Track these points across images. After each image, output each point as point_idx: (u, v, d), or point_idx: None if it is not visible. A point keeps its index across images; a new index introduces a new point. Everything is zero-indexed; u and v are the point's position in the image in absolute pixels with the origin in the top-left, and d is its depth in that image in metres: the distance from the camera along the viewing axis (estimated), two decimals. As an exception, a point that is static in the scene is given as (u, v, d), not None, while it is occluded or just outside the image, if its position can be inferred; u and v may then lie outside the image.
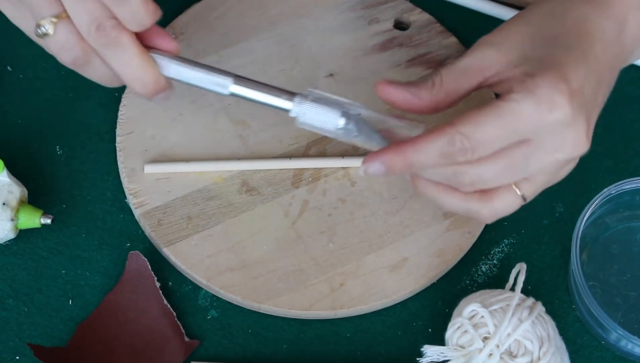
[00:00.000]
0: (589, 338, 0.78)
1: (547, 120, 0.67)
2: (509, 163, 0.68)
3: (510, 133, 0.67)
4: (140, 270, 0.78)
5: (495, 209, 0.71)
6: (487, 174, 0.69)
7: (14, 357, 0.77)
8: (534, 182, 0.71)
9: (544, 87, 0.67)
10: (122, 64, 0.69)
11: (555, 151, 0.68)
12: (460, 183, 0.70)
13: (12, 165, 0.81)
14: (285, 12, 0.89)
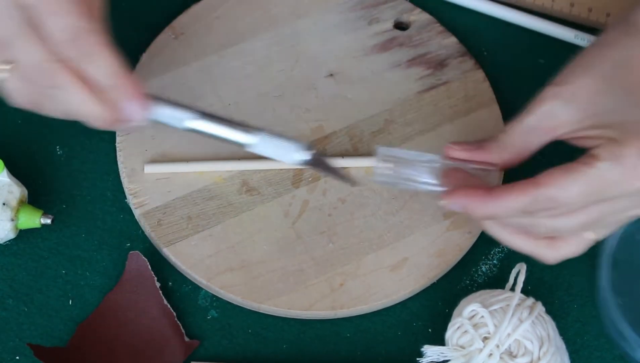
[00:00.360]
0: (589, 338, 0.78)
1: (633, 188, 0.67)
2: (587, 219, 0.70)
3: (592, 197, 0.68)
4: (140, 270, 0.78)
5: (563, 255, 0.73)
6: (564, 227, 0.70)
7: (14, 357, 0.77)
8: (607, 229, 0.72)
9: (632, 156, 0.67)
10: (68, 103, 0.70)
11: (631, 209, 0.70)
12: (535, 232, 0.71)
13: (12, 165, 0.81)
14: (285, 12, 0.89)
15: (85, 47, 0.68)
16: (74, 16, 0.68)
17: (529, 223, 0.71)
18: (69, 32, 0.68)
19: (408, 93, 0.86)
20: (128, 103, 0.69)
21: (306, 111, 0.85)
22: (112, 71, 0.68)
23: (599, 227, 0.72)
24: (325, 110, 0.85)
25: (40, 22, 0.68)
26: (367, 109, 0.85)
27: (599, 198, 0.68)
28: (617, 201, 0.69)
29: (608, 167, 0.67)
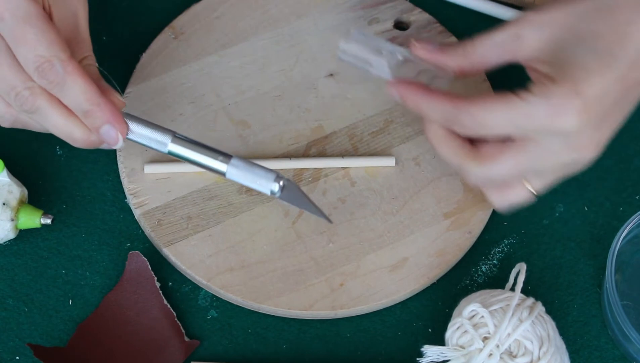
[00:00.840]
0: (589, 338, 0.78)
1: (553, 127, 0.70)
2: (516, 162, 0.72)
3: (513, 128, 0.71)
4: (140, 270, 0.78)
5: (509, 200, 0.76)
6: (494, 172, 0.73)
7: (14, 357, 0.77)
8: (543, 178, 0.74)
9: (559, 97, 0.69)
10: (48, 125, 0.72)
11: (559, 154, 0.72)
12: (470, 179, 0.75)
13: (12, 165, 0.81)
14: (285, 12, 0.89)
15: (55, 77, 0.70)
16: (42, 46, 0.69)
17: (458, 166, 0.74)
18: (38, 62, 0.70)
19: (408, 93, 0.86)
20: (105, 128, 0.72)
21: (306, 111, 0.85)
22: (84, 98, 0.71)
23: (535, 174, 0.74)
24: (325, 110, 0.85)
25: (14, 50, 0.70)
26: (367, 109, 0.85)
27: (523, 133, 0.71)
28: (543, 141, 0.71)
29: (534, 101, 0.70)
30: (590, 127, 0.70)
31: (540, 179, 0.75)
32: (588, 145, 0.72)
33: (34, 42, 0.69)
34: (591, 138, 0.71)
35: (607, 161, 0.85)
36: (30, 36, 0.69)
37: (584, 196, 0.83)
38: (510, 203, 0.76)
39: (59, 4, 0.73)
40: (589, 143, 0.71)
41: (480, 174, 0.74)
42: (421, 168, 0.83)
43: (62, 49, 0.70)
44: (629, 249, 0.80)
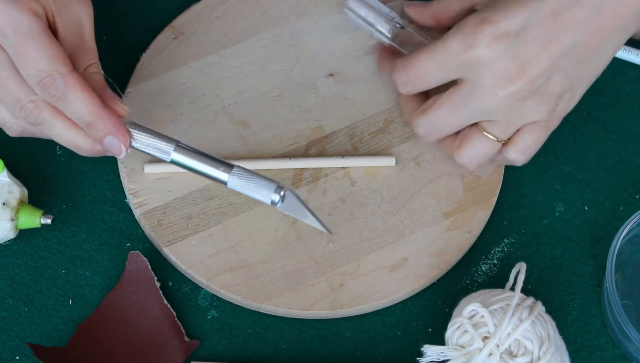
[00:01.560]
0: (589, 338, 0.78)
1: (471, 57, 0.72)
2: (452, 104, 0.75)
3: (441, 67, 0.74)
4: (140, 270, 0.78)
5: (470, 152, 0.77)
6: (436, 119, 0.76)
7: (14, 357, 0.77)
8: (498, 122, 0.75)
9: (469, 26, 0.73)
10: (53, 136, 0.75)
11: (489, 87, 0.73)
12: (423, 137, 0.79)
13: (12, 165, 0.81)
14: (285, 12, 0.89)
15: (56, 91, 0.72)
16: (44, 61, 0.71)
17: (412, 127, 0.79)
18: (40, 77, 0.71)
19: (408, 93, 0.86)
20: (108, 139, 0.74)
21: (306, 110, 0.85)
22: (86, 111, 0.72)
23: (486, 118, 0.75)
24: (325, 110, 0.85)
25: (17, 65, 0.72)
26: (367, 109, 0.85)
27: (449, 74, 0.74)
28: (473, 78, 0.73)
29: (450, 36, 0.73)
30: (509, 55, 0.72)
31: (494, 123, 0.75)
32: (511, 73, 0.72)
33: (36, 57, 0.71)
34: (513, 65, 0.72)
35: (607, 161, 0.85)
36: (32, 52, 0.71)
37: (584, 196, 0.83)
38: (475, 156, 0.77)
39: (63, 13, 0.75)
40: (512, 70, 0.72)
41: (423, 125, 0.77)
42: (421, 167, 0.83)
43: (63, 63, 0.72)
44: (629, 248, 0.80)
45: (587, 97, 0.87)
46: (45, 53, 0.71)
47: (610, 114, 0.87)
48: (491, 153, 0.77)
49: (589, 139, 0.86)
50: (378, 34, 0.86)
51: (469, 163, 0.78)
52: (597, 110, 0.87)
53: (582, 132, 0.86)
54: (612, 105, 0.87)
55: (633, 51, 0.88)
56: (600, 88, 0.88)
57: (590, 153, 0.85)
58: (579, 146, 0.85)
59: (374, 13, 0.86)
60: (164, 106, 0.84)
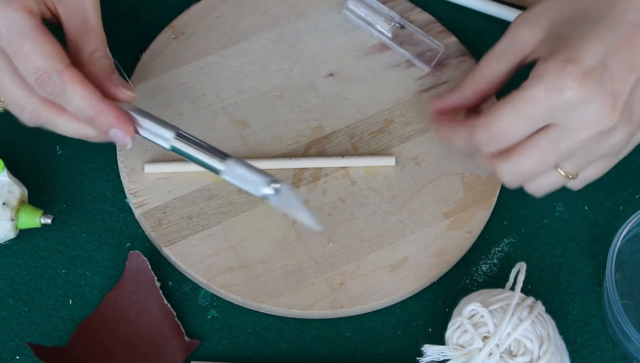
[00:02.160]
0: (589, 337, 0.78)
1: (560, 102, 0.69)
2: (542, 151, 0.71)
3: (528, 120, 0.70)
4: (140, 269, 0.78)
5: (541, 185, 0.75)
6: (524, 167, 0.72)
7: (14, 357, 0.77)
8: (575, 160, 0.73)
9: (551, 70, 0.69)
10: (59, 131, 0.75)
11: (582, 129, 0.70)
12: (501, 177, 0.74)
13: (12, 165, 0.81)
14: (285, 12, 0.89)
15: (54, 88, 0.71)
16: (39, 58, 0.71)
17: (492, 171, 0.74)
18: (36, 74, 0.71)
19: (408, 93, 0.86)
20: (112, 131, 0.73)
21: (306, 110, 0.85)
22: (86, 105, 0.72)
23: (566, 158, 0.73)
24: (325, 110, 0.85)
25: (15, 63, 0.71)
26: (367, 109, 0.85)
27: (537, 123, 0.71)
28: (561, 125, 0.70)
29: (532, 84, 0.69)
30: (602, 89, 0.69)
31: (571, 161, 0.73)
32: (606, 110, 0.69)
33: (30, 55, 0.71)
34: (606, 102, 0.69)
35: (607, 160, 0.85)
36: (26, 49, 0.71)
37: (584, 196, 0.83)
38: (543, 189, 0.75)
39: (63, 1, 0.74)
40: (607, 107, 0.69)
41: (510, 172, 0.73)
42: (421, 167, 0.83)
43: (58, 59, 0.71)
44: (629, 248, 0.80)
45: (587, 97, 0.87)
46: (40, 50, 0.71)
47: (610, 114, 0.87)
48: (559, 185, 0.75)
49: (589, 139, 0.86)
50: (378, 34, 0.86)
51: (536, 193, 0.76)
52: (597, 110, 0.87)
53: (582, 132, 0.86)
54: (612, 105, 0.87)
55: (633, 51, 0.88)
56: (600, 88, 0.88)
57: (590, 152, 0.85)
58: (579, 146, 0.85)
59: (374, 13, 0.86)
60: (164, 106, 0.84)
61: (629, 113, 0.70)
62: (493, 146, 0.72)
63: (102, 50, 0.75)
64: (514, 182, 0.75)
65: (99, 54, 0.75)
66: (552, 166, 0.73)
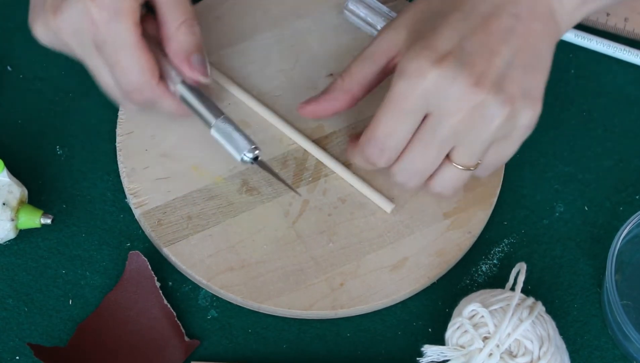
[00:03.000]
0: (589, 338, 0.78)
1: (424, 88, 0.70)
2: (423, 143, 0.73)
3: (403, 117, 0.72)
4: (140, 270, 0.78)
5: (442, 182, 0.75)
6: (412, 162, 0.74)
7: (14, 357, 0.77)
8: (465, 148, 0.73)
9: (409, 61, 0.71)
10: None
11: (453, 110, 0.71)
12: (404, 184, 0.76)
13: (12, 165, 0.81)
14: (285, 12, 0.89)
15: (144, 102, 0.76)
16: (134, 74, 0.75)
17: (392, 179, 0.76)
18: (129, 87, 0.75)
19: (408, 93, 0.86)
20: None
21: (306, 110, 0.85)
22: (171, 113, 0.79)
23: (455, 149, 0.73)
24: (325, 110, 0.85)
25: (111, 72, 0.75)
26: (367, 109, 0.85)
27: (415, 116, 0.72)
28: (435, 112, 0.71)
29: (396, 80, 0.71)
30: (462, 71, 0.70)
31: (460, 151, 0.73)
32: (470, 86, 0.70)
33: (128, 69, 0.74)
34: (469, 78, 0.70)
35: (607, 161, 0.85)
36: (125, 63, 0.74)
37: (584, 196, 0.83)
38: (447, 186, 0.76)
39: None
40: (470, 83, 0.70)
41: (401, 171, 0.75)
42: (421, 167, 0.83)
43: (152, 75, 0.75)
44: (629, 249, 0.80)
45: (587, 97, 0.87)
46: (137, 66, 0.74)
47: (610, 114, 0.87)
48: (463, 179, 0.75)
49: (589, 139, 0.86)
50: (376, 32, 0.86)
51: (444, 193, 0.76)
52: (597, 110, 0.87)
53: (582, 132, 0.86)
54: (612, 105, 0.87)
55: (633, 51, 0.88)
56: (600, 88, 0.88)
57: (590, 153, 0.85)
58: (579, 146, 0.85)
59: (374, 13, 0.86)
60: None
61: (503, 93, 0.71)
62: (386, 156, 0.74)
63: (189, 23, 0.77)
64: (409, 181, 0.76)
65: (185, 28, 0.77)
66: (439, 157, 0.74)
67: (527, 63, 0.72)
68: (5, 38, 0.88)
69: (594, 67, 0.89)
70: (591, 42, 0.89)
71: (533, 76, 0.72)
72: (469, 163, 0.74)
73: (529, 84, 0.72)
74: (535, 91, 0.72)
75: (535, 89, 0.72)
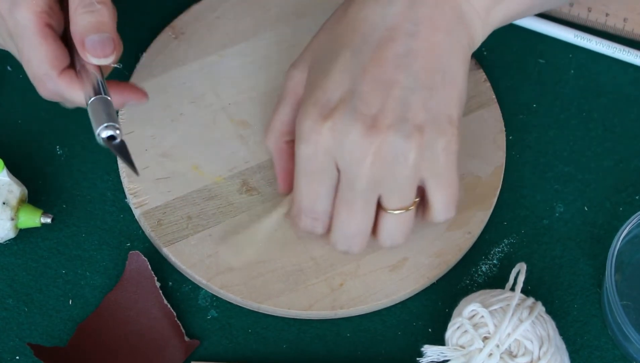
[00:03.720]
0: (589, 338, 0.78)
1: (323, 145, 0.70)
2: (346, 201, 0.71)
3: (322, 179, 0.71)
4: (140, 270, 0.78)
5: (389, 235, 0.74)
6: (349, 229, 0.73)
7: (14, 357, 0.77)
8: (393, 193, 0.71)
9: (302, 122, 0.70)
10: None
11: (359, 160, 0.69)
12: (348, 251, 0.75)
13: (12, 165, 0.81)
14: (285, 12, 0.89)
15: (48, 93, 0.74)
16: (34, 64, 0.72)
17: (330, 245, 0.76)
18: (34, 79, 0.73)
19: (408, 93, 0.86)
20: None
21: (306, 111, 0.85)
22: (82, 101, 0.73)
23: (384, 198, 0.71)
24: (325, 110, 0.85)
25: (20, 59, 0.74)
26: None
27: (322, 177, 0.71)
28: (340, 165, 0.70)
29: (297, 147, 0.71)
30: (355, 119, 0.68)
31: (389, 198, 0.71)
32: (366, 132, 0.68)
33: (30, 60, 0.72)
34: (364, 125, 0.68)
35: (607, 161, 0.85)
36: (26, 53, 0.72)
37: (584, 196, 0.83)
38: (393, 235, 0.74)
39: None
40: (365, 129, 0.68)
41: (339, 239, 0.74)
42: (421, 168, 0.83)
43: (52, 65, 0.72)
44: (629, 249, 0.80)
45: (587, 97, 0.87)
46: (37, 55, 0.72)
47: (610, 114, 0.87)
48: (408, 222, 0.73)
49: (589, 139, 0.86)
50: None
51: (396, 243, 0.75)
52: (597, 110, 0.87)
53: (582, 133, 0.86)
54: (612, 105, 0.87)
55: (633, 51, 0.88)
56: (600, 88, 0.88)
57: (590, 153, 0.85)
58: (579, 146, 0.85)
59: None
60: (164, 106, 0.84)
61: (406, 127, 0.68)
62: (321, 222, 0.74)
63: (87, 3, 0.72)
64: (352, 247, 0.74)
65: (81, 9, 0.72)
66: (368, 211, 0.72)
67: (432, 83, 0.69)
68: (5, 38, 0.88)
69: (594, 67, 0.89)
70: (591, 42, 0.89)
71: (442, 96, 0.70)
72: (403, 205, 0.72)
73: (437, 106, 0.69)
74: (446, 112, 0.69)
75: (448, 108, 0.70)
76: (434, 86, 0.69)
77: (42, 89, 0.73)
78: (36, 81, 0.73)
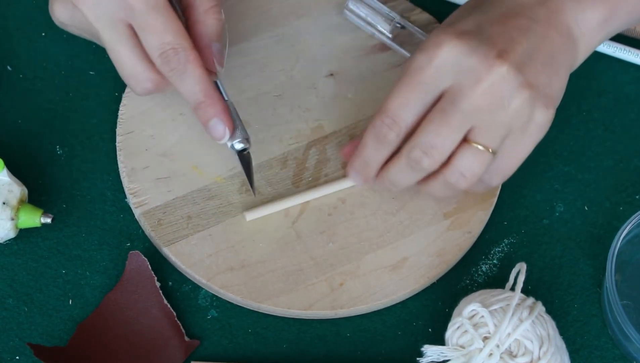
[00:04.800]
0: (589, 338, 0.78)
1: (442, 60, 0.70)
2: (443, 117, 0.71)
3: (421, 90, 0.71)
4: (140, 269, 0.78)
5: (461, 169, 0.72)
6: (432, 138, 0.71)
7: (14, 357, 0.77)
8: (485, 128, 0.71)
9: (429, 39, 0.71)
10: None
11: (474, 84, 0.70)
12: (418, 162, 0.72)
13: (12, 165, 0.81)
14: (285, 12, 0.89)
15: (177, 64, 0.74)
16: (168, 34, 0.73)
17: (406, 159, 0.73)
18: (163, 49, 0.73)
19: (408, 93, 0.86)
20: (213, 122, 0.76)
21: (306, 110, 0.85)
22: (199, 89, 0.75)
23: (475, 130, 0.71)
24: (326, 110, 0.85)
25: (142, 37, 0.74)
26: (367, 109, 0.85)
27: (432, 92, 0.71)
28: (452, 87, 0.70)
29: (414, 57, 0.71)
30: (482, 44, 0.69)
31: (480, 131, 0.71)
32: (491, 57, 0.69)
33: (161, 30, 0.73)
34: (490, 51, 0.69)
35: (607, 161, 0.85)
36: (159, 25, 0.73)
37: (584, 196, 0.83)
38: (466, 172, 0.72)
39: None
40: (491, 55, 0.69)
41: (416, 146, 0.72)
42: (421, 167, 0.83)
43: (186, 38, 0.74)
44: (629, 249, 0.80)
45: (587, 97, 0.87)
46: (171, 27, 0.73)
47: (610, 114, 0.87)
48: (482, 166, 0.72)
49: (589, 139, 0.86)
50: (378, 34, 0.86)
51: (460, 181, 0.73)
52: (597, 110, 0.87)
53: (582, 133, 0.86)
54: (612, 105, 0.87)
55: (633, 51, 0.88)
56: (600, 88, 0.88)
57: (590, 153, 0.85)
58: (579, 146, 0.85)
59: (374, 13, 0.86)
60: (164, 106, 0.84)
61: (523, 75, 0.70)
62: (396, 130, 0.72)
63: (217, 10, 0.77)
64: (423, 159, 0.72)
65: (213, 13, 0.77)
66: (458, 133, 0.71)
67: (546, 62, 0.71)
68: (5, 38, 0.88)
69: (594, 67, 0.89)
70: (591, 42, 0.89)
71: (551, 75, 0.71)
72: (489, 144, 0.71)
73: (547, 80, 0.71)
74: (552, 90, 0.71)
75: (553, 89, 0.71)
76: (547, 64, 0.71)
77: (173, 61, 0.73)
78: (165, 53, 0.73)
